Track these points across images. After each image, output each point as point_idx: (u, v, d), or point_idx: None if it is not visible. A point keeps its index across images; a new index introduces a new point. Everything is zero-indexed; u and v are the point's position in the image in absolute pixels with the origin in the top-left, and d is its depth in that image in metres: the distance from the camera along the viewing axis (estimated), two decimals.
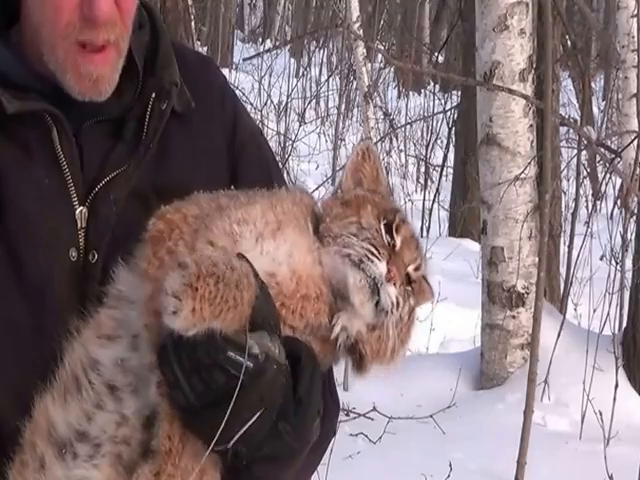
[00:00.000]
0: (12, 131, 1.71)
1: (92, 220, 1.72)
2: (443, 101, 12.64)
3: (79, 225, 1.72)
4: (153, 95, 1.76)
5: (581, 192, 9.16)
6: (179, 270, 1.46)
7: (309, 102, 14.17)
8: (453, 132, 10.40)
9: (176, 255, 1.56)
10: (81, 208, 1.72)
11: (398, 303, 1.60)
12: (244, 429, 1.49)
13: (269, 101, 12.91)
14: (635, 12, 9.32)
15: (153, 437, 1.53)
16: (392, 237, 1.63)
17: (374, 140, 9.53)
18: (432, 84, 15.24)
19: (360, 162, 1.71)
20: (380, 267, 1.59)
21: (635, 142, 6.76)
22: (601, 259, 7.56)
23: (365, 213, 1.64)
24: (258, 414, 1.49)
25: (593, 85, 13.85)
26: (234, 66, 14.72)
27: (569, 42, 8.10)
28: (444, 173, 10.92)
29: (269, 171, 1.87)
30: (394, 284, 1.60)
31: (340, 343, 1.61)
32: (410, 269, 1.64)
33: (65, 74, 1.69)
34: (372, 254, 1.59)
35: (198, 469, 1.54)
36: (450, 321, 6.99)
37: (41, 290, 1.70)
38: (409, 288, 1.63)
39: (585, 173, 10.43)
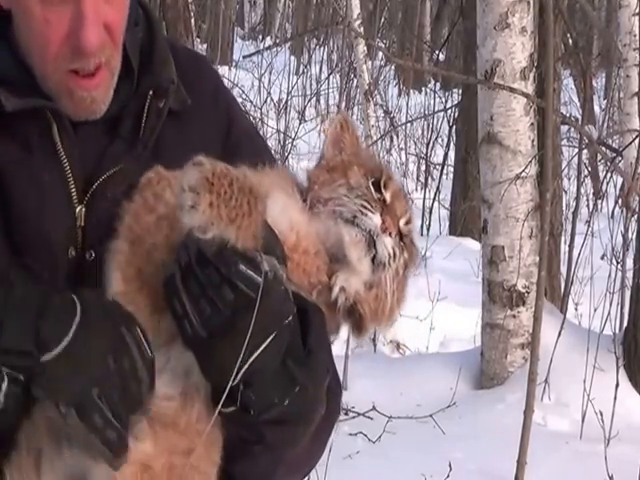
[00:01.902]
0: (12, 128, 1.70)
1: (90, 218, 1.71)
2: (444, 99, 12.61)
3: (78, 223, 1.71)
4: (151, 93, 1.75)
5: (582, 191, 9.15)
6: (194, 166, 1.48)
7: (309, 100, 14.14)
8: (454, 130, 10.38)
9: (161, 198, 1.59)
10: (80, 206, 1.71)
11: (395, 254, 1.63)
12: (255, 356, 1.49)
13: (269, 99, 12.89)
14: (637, 10, 9.31)
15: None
16: (381, 193, 1.66)
17: (374, 138, 9.52)
18: (433, 82, 15.22)
19: (340, 133, 1.74)
20: (374, 219, 1.62)
21: (636, 141, 6.75)
22: (602, 258, 7.56)
23: (352, 174, 1.67)
24: (267, 341, 1.49)
25: (594, 84, 13.84)
26: (234, 63, 14.70)
27: (570, 40, 8.08)
28: (445, 171, 10.91)
29: None
30: (390, 234, 1.62)
31: (339, 305, 1.63)
32: (401, 222, 1.67)
33: (60, 99, 1.70)
34: (365, 208, 1.62)
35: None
36: (450, 320, 6.97)
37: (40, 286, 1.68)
38: (402, 243, 1.66)
39: (586, 172, 10.42)
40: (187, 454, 1.57)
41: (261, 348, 1.49)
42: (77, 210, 1.71)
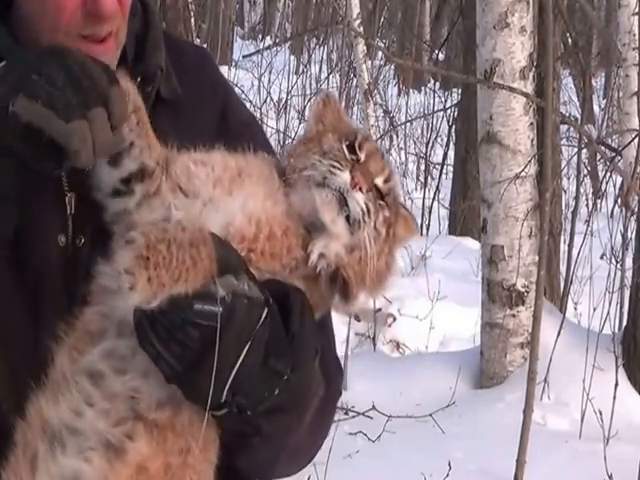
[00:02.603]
0: None
1: (80, 205, 1.72)
2: (443, 99, 12.61)
3: (68, 211, 1.72)
4: (139, 79, 1.77)
5: (581, 190, 9.14)
6: (127, 246, 1.47)
7: (309, 99, 14.12)
8: (453, 130, 10.38)
9: None
10: (70, 194, 1.72)
11: (369, 210, 1.61)
12: (234, 372, 1.50)
13: (269, 98, 12.89)
14: (636, 10, 9.31)
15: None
16: (356, 154, 1.64)
17: (374, 138, 9.51)
18: (432, 82, 15.22)
19: (322, 109, 1.74)
20: (343, 176, 1.60)
21: (636, 140, 6.75)
22: (601, 258, 7.55)
23: (326, 140, 1.66)
24: (243, 354, 1.50)
25: (594, 83, 13.84)
26: (234, 63, 14.70)
27: (570, 40, 8.08)
28: (444, 171, 10.91)
29: None
30: (360, 189, 1.60)
31: (320, 271, 1.61)
32: (378, 181, 1.64)
33: None
34: (334, 167, 1.61)
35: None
36: (450, 320, 6.97)
37: (35, 276, 1.70)
38: (382, 202, 1.63)
39: (585, 171, 10.42)
40: (182, 454, 1.57)
41: (238, 363, 1.50)
42: (67, 198, 1.71)
